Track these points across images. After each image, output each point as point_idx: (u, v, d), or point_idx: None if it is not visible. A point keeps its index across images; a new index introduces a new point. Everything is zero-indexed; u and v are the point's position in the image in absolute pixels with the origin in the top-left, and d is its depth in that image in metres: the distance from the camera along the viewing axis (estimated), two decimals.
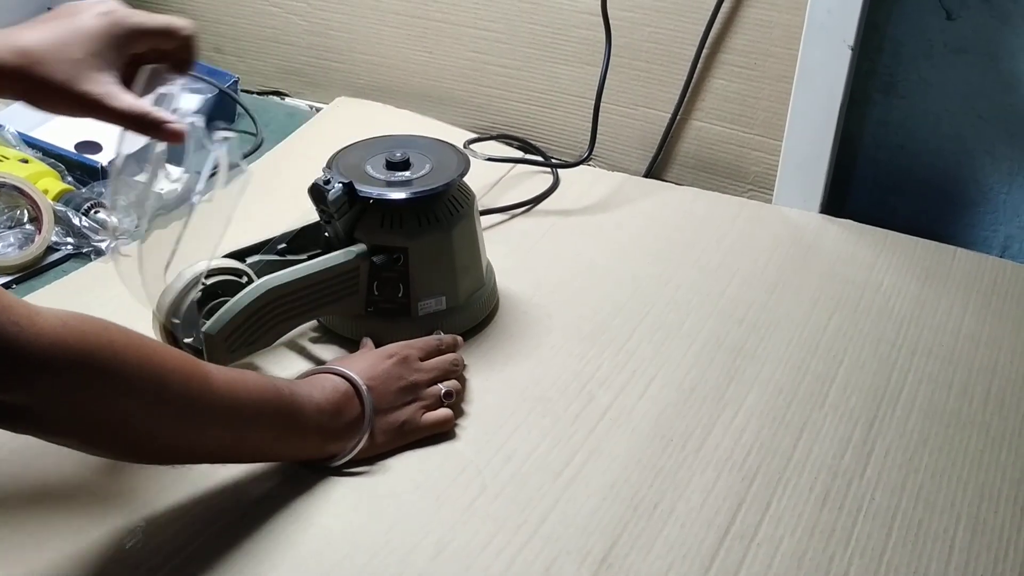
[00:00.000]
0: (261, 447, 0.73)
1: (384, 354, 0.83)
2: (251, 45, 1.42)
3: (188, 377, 0.65)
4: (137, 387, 0.61)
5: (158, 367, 0.63)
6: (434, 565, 0.71)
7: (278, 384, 0.73)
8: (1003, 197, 1.18)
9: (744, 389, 0.89)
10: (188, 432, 0.66)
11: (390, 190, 0.89)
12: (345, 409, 0.77)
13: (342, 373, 0.78)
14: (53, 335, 0.56)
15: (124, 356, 0.60)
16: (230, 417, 0.68)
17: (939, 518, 0.77)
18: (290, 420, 0.73)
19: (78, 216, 1.05)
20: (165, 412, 0.64)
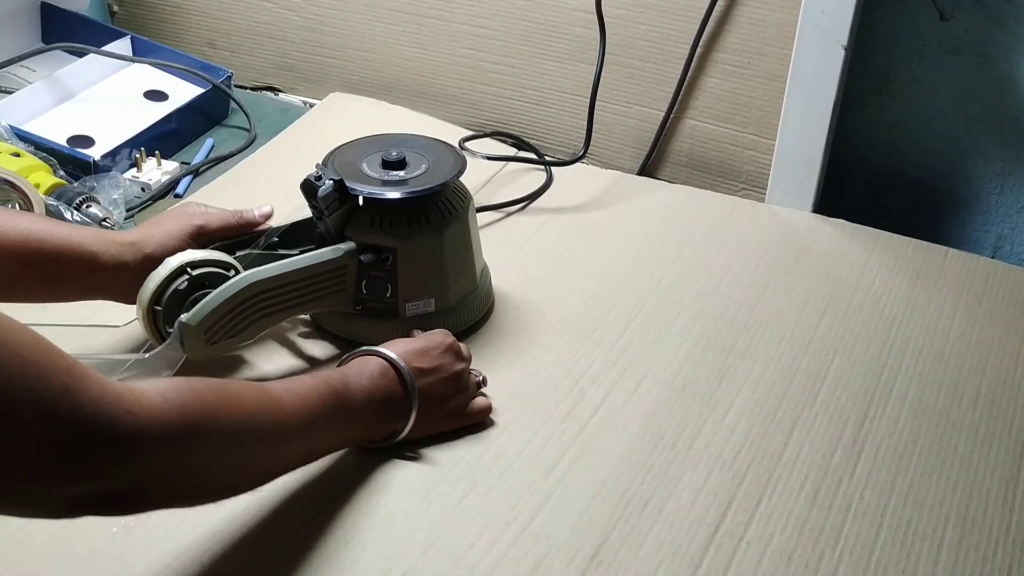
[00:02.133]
0: (330, 444, 0.75)
1: (439, 341, 0.83)
2: (245, 40, 1.42)
3: (268, 409, 0.67)
4: (233, 438, 0.63)
5: (244, 411, 0.64)
6: (423, 561, 0.71)
7: (331, 380, 0.74)
8: (995, 198, 1.18)
9: (735, 387, 0.89)
10: (276, 456, 0.69)
11: (382, 189, 0.89)
12: (392, 391, 0.78)
13: (386, 356, 0.79)
14: (160, 415, 0.57)
15: (217, 413, 0.61)
16: (305, 430, 0.70)
17: (928, 517, 0.77)
18: (349, 412, 0.74)
19: (70, 210, 1.04)
20: (258, 449, 0.66)
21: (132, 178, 1.15)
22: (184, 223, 0.87)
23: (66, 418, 0.51)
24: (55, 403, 0.51)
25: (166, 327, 0.83)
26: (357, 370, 0.77)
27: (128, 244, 0.84)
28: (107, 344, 0.90)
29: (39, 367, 0.50)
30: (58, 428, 0.51)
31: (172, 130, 1.24)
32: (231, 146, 1.26)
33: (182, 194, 1.16)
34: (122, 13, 1.48)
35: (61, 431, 0.51)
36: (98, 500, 0.55)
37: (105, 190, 1.10)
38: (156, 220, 0.90)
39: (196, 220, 0.88)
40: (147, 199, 1.14)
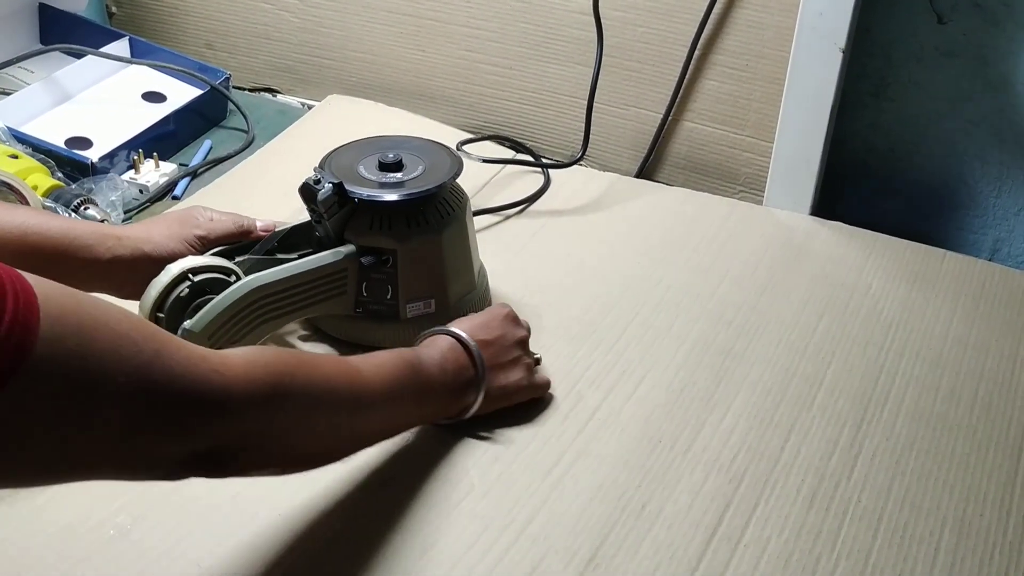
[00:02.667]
0: (408, 418, 0.77)
1: (498, 313, 0.86)
2: (243, 42, 1.42)
3: (349, 377, 0.69)
4: (317, 400, 0.65)
5: (325, 375, 0.66)
6: (420, 564, 0.71)
7: (405, 355, 0.76)
8: (992, 200, 1.18)
9: (733, 390, 0.89)
10: (359, 426, 0.70)
11: (380, 191, 0.89)
12: (463, 367, 0.80)
13: (453, 333, 0.81)
14: (246, 374, 0.58)
15: (297, 375, 0.63)
16: (385, 400, 0.72)
17: (925, 521, 0.77)
18: (425, 386, 0.76)
19: (68, 212, 1.04)
20: (342, 414, 0.68)
21: (130, 180, 1.15)
22: (186, 231, 0.88)
23: (159, 379, 0.53)
24: (148, 368, 0.53)
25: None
26: (430, 347, 0.80)
27: (124, 238, 0.85)
28: None
29: (130, 336, 0.52)
30: (152, 391, 0.53)
31: (170, 132, 1.24)
32: (229, 148, 1.26)
33: (180, 196, 1.16)
34: (120, 14, 1.48)
35: (155, 394, 0.53)
36: (198, 459, 0.57)
37: (103, 192, 1.10)
38: (158, 220, 0.90)
39: (198, 231, 0.88)
40: (145, 201, 1.14)
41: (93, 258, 0.82)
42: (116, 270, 0.84)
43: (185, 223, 0.89)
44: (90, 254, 0.82)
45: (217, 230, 0.90)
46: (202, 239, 0.88)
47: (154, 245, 0.86)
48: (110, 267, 0.83)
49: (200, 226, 0.89)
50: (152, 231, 0.87)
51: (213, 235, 0.89)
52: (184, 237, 0.87)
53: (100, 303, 0.52)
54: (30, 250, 0.80)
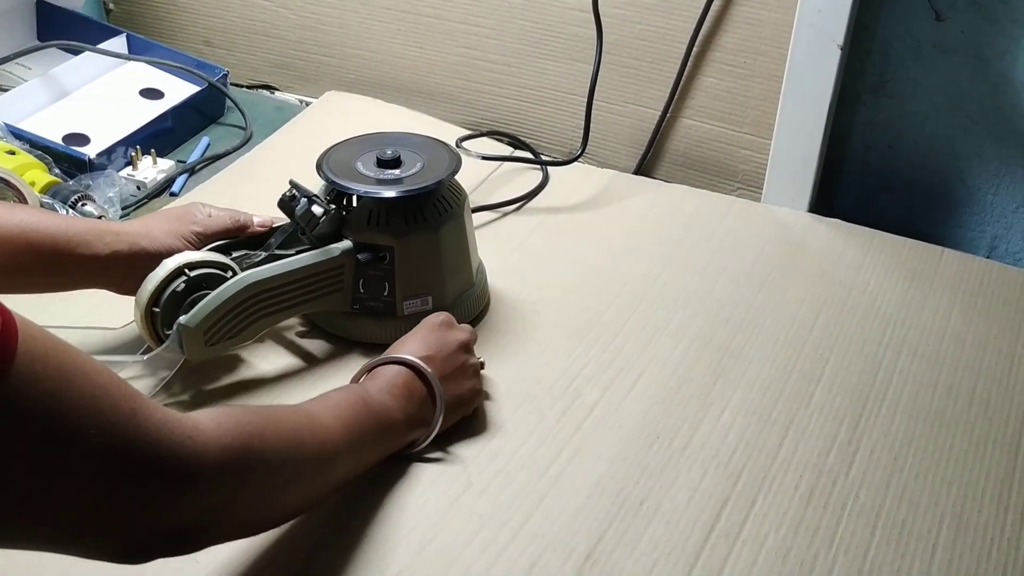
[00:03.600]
0: (372, 457, 0.75)
1: (433, 323, 0.83)
2: (241, 38, 1.42)
3: (312, 429, 0.67)
4: (286, 460, 0.63)
5: (291, 431, 0.64)
6: (417, 560, 0.71)
7: (360, 395, 0.74)
8: (990, 198, 1.18)
9: (730, 387, 0.89)
10: (327, 474, 0.69)
11: (378, 188, 0.89)
12: (417, 393, 0.78)
13: (400, 360, 0.79)
14: (219, 439, 0.57)
15: (266, 436, 0.61)
16: (348, 446, 0.70)
17: (923, 517, 0.77)
18: (384, 422, 0.75)
19: (65, 208, 1.04)
20: (310, 470, 0.66)
21: (128, 176, 1.15)
22: (184, 227, 0.88)
23: (133, 440, 0.51)
24: (123, 426, 0.51)
25: (164, 329, 0.83)
26: (386, 382, 0.77)
27: (123, 235, 0.85)
28: (103, 346, 0.89)
29: (108, 391, 0.51)
30: (126, 453, 0.51)
31: (168, 128, 1.24)
32: (227, 144, 1.26)
33: (178, 192, 1.16)
34: (118, 11, 1.48)
35: (128, 456, 0.51)
36: (166, 535, 0.55)
37: (100, 188, 1.10)
38: (156, 216, 0.90)
39: (195, 227, 0.88)
40: (143, 197, 1.14)
41: (92, 254, 0.82)
42: (115, 266, 0.84)
43: (183, 219, 0.89)
44: (89, 250, 0.82)
45: (214, 226, 0.89)
46: (200, 235, 0.88)
47: (152, 240, 0.85)
48: (109, 263, 0.83)
49: (198, 222, 0.89)
50: (150, 227, 0.87)
51: (210, 231, 0.89)
52: (181, 233, 0.87)
53: (84, 355, 0.51)
54: (29, 248, 0.80)
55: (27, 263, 0.80)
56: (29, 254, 0.80)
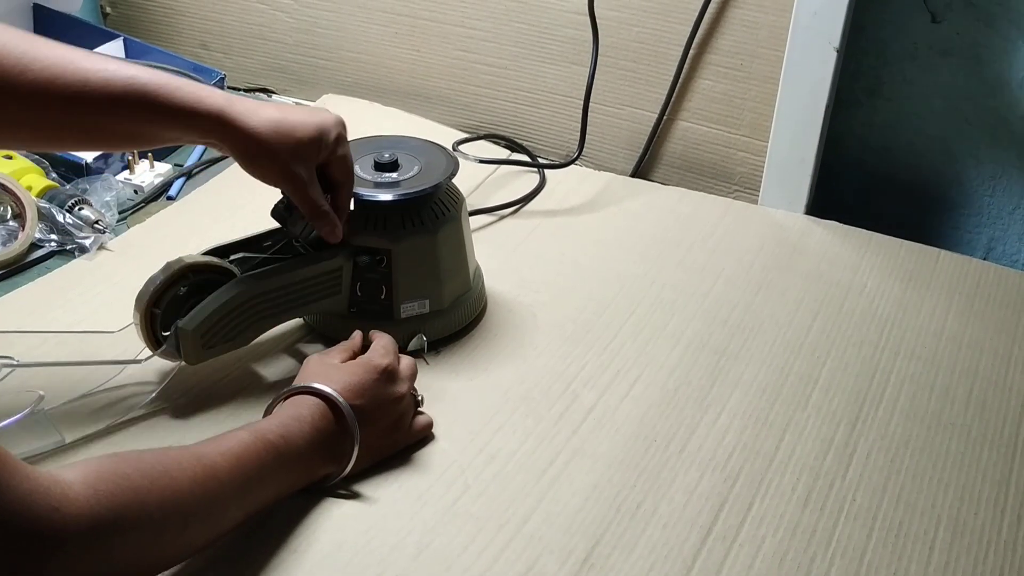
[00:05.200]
0: (267, 501, 0.71)
1: (371, 369, 0.78)
2: (238, 42, 1.42)
3: (202, 483, 0.64)
4: (165, 521, 0.61)
5: (177, 490, 0.62)
6: (415, 564, 0.71)
7: (268, 436, 0.70)
8: (987, 199, 1.18)
9: (727, 390, 0.89)
10: (211, 527, 0.66)
11: (375, 191, 0.89)
12: (332, 432, 0.75)
13: (323, 393, 0.75)
14: (88, 510, 0.55)
15: (148, 499, 0.59)
16: (242, 495, 0.68)
17: (920, 519, 0.77)
18: (288, 464, 0.71)
19: (62, 213, 1.04)
20: (192, 526, 0.64)
21: (124, 180, 1.15)
22: (312, 157, 0.82)
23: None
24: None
25: (162, 331, 0.83)
26: (296, 416, 0.73)
27: (265, 120, 0.79)
28: (101, 350, 0.89)
29: None
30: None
31: None
32: None
33: (175, 196, 1.16)
34: (115, 15, 1.48)
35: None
36: None
37: (97, 192, 1.10)
38: (301, 125, 0.81)
39: (342, 140, 0.84)
40: (140, 201, 1.14)
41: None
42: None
43: (318, 145, 0.82)
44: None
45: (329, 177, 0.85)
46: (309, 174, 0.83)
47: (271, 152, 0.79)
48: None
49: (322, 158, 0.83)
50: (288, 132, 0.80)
51: (345, 153, 0.85)
52: (304, 162, 0.82)
53: None
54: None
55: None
56: None
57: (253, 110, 0.80)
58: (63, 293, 0.98)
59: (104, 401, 0.84)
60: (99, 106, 0.75)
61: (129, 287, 0.84)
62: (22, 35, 0.74)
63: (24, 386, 0.82)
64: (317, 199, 0.84)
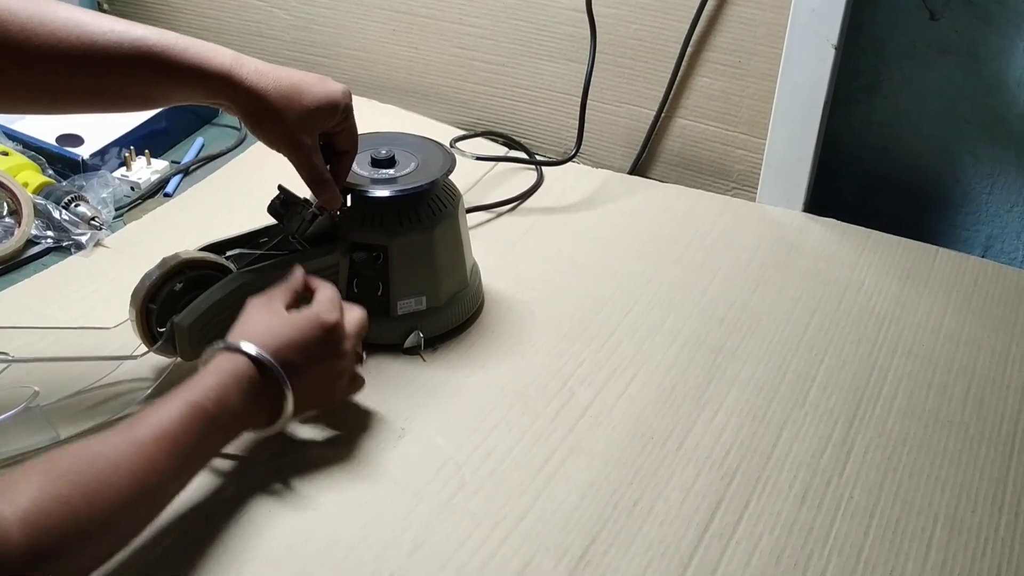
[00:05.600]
0: (204, 464, 0.71)
1: (317, 325, 0.76)
2: (235, 39, 1.42)
3: (141, 479, 0.62)
4: (107, 529, 0.60)
5: (118, 496, 0.61)
6: (411, 561, 0.71)
7: (202, 402, 0.68)
8: (985, 197, 1.18)
9: (725, 387, 0.89)
10: (155, 508, 0.66)
11: (372, 187, 0.89)
12: (264, 392, 0.72)
13: (254, 357, 0.72)
14: (26, 550, 0.54)
15: (91, 520, 0.58)
16: (181, 473, 0.67)
17: (917, 517, 0.77)
18: (223, 428, 0.70)
19: (58, 209, 1.04)
20: (136, 518, 0.64)
21: (121, 177, 1.15)
22: (319, 126, 0.83)
23: None
24: None
25: (158, 327, 0.83)
26: (232, 374, 0.71)
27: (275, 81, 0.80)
28: (97, 346, 0.89)
29: None
30: None
31: (162, 129, 1.24)
32: (221, 145, 1.26)
33: (172, 193, 1.16)
34: (111, 11, 1.48)
35: None
36: None
37: (94, 189, 1.10)
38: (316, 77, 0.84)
39: (349, 110, 0.86)
40: (136, 198, 1.14)
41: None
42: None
43: (325, 114, 0.83)
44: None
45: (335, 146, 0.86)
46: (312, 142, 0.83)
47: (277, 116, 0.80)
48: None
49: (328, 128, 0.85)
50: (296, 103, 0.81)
51: (351, 124, 0.86)
52: (312, 130, 0.82)
53: None
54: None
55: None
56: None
57: (263, 72, 0.80)
58: (59, 289, 0.98)
59: (99, 397, 0.84)
60: (107, 68, 0.75)
61: (125, 283, 0.84)
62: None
63: (19, 382, 0.82)
64: (320, 167, 0.84)
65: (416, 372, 0.90)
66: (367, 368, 0.89)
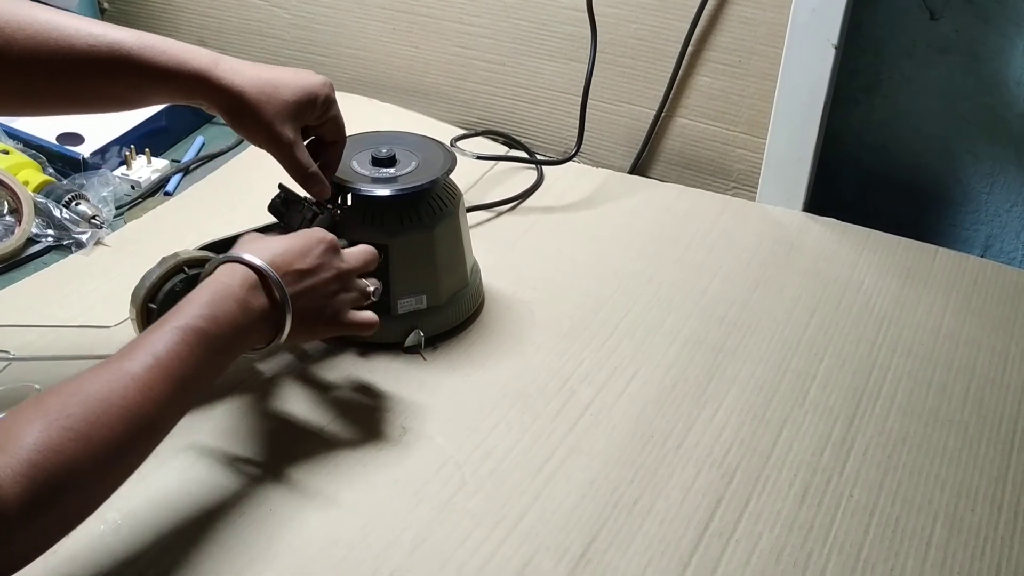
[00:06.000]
0: (205, 385, 0.69)
1: (314, 237, 0.77)
2: (235, 38, 1.42)
3: (138, 412, 0.61)
4: (107, 466, 0.60)
5: (115, 433, 0.60)
6: (411, 560, 0.71)
7: (195, 323, 0.67)
8: (984, 197, 1.18)
9: (725, 386, 0.89)
10: (155, 438, 0.65)
11: (373, 186, 0.89)
12: (261, 304, 0.72)
13: (253, 265, 0.72)
14: (22, 498, 0.54)
15: (76, 455, 0.57)
16: (179, 400, 0.65)
17: (917, 516, 0.77)
18: (220, 347, 0.69)
19: (59, 208, 1.04)
20: (135, 451, 0.63)
21: (122, 176, 1.15)
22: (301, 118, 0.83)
23: None
24: None
25: None
26: (224, 290, 0.70)
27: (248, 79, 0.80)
28: (97, 344, 0.89)
29: None
30: None
31: (162, 128, 1.24)
32: (221, 144, 1.26)
33: (172, 192, 1.16)
34: (112, 10, 1.48)
35: None
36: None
37: (95, 188, 1.10)
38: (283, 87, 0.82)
39: (331, 102, 0.85)
40: (137, 197, 1.14)
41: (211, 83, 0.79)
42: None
43: (307, 107, 0.84)
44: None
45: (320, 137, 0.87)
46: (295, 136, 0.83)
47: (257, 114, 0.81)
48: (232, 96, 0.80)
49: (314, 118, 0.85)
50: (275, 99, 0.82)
51: (336, 115, 0.86)
52: (294, 121, 0.83)
53: None
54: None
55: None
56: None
57: (239, 70, 0.80)
58: (59, 288, 0.98)
59: None
60: (85, 71, 0.76)
61: (125, 282, 0.84)
62: (4, 2, 0.74)
63: (20, 380, 0.82)
64: (303, 160, 0.84)
65: (416, 371, 0.90)
66: (367, 367, 0.90)
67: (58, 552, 0.70)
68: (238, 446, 0.80)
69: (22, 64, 0.73)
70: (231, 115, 0.82)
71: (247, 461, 0.79)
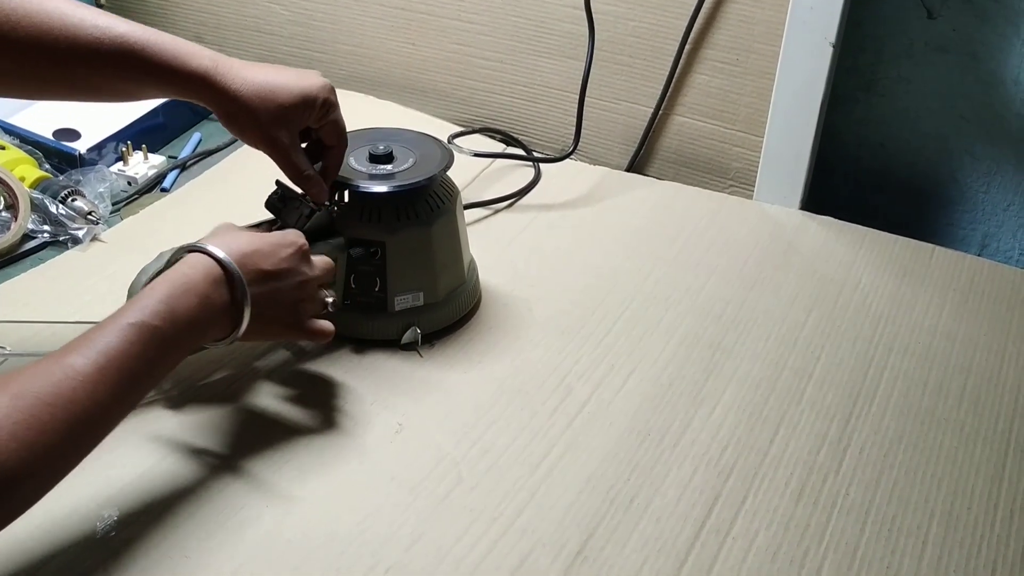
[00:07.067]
0: (157, 381, 0.69)
1: (286, 241, 0.78)
2: (232, 34, 1.42)
3: (73, 408, 0.61)
4: (42, 465, 0.59)
5: (51, 421, 0.59)
6: (408, 556, 0.71)
7: (150, 320, 0.66)
8: (982, 196, 1.19)
9: (721, 385, 0.89)
10: (97, 432, 0.64)
11: (370, 183, 0.89)
12: (221, 300, 0.72)
13: (217, 257, 0.72)
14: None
15: (17, 456, 0.57)
16: (125, 394, 0.65)
17: (913, 514, 0.77)
18: (174, 344, 0.68)
19: (55, 204, 1.04)
20: (98, 430, 0.63)
21: (118, 172, 1.15)
22: (296, 122, 0.83)
23: None
24: None
25: None
26: (184, 283, 0.69)
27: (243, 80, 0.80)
28: None
29: None
30: None
31: (159, 124, 1.24)
32: (218, 140, 1.25)
33: (168, 188, 1.16)
34: (109, 6, 1.47)
35: None
36: None
37: (91, 184, 1.09)
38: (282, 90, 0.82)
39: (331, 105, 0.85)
40: (133, 193, 1.14)
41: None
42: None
43: (303, 110, 0.83)
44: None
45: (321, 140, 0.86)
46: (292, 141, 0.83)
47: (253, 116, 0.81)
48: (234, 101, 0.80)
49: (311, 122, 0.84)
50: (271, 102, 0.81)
51: (337, 118, 0.86)
52: (289, 126, 0.83)
53: None
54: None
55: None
56: None
57: (238, 72, 0.80)
58: (56, 284, 0.97)
59: None
60: (88, 62, 0.76)
61: (122, 278, 0.83)
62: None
63: None
64: (299, 163, 0.84)
65: (413, 368, 0.90)
66: (363, 363, 0.90)
67: (56, 541, 0.70)
68: (231, 442, 0.80)
69: (25, 52, 0.74)
70: (227, 118, 0.82)
71: (242, 458, 0.79)
